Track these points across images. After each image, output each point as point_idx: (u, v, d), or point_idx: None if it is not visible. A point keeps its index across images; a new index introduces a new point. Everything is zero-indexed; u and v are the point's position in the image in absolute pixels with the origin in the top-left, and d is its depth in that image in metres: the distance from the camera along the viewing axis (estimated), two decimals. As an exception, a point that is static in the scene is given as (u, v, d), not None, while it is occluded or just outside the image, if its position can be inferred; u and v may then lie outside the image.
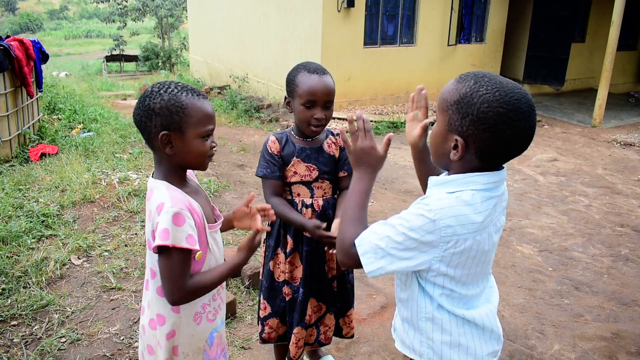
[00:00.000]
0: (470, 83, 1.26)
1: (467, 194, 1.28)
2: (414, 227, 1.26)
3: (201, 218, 1.55)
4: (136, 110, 1.51)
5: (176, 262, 1.44)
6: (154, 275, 1.57)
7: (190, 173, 1.67)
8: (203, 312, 1.62)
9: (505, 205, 1.42)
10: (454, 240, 1.27)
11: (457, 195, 1.28)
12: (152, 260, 1.56)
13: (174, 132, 1.48)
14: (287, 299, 2.29)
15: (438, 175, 1.43)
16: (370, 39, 10.12)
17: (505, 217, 1.45)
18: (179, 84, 1.52)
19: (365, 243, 1.31)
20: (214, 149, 1.58)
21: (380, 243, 1.29)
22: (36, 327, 2.87)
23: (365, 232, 1.33)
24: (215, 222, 1.66)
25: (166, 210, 1.42)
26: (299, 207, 2.20)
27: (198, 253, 1.50)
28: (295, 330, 2.28)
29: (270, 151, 2.19)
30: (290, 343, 2.30)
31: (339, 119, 9.43)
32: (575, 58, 12.25)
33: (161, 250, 1.43)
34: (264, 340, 2.39)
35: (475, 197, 1.28)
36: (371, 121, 9.27)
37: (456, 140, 1.28)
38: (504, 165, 1.35)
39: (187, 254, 1.46)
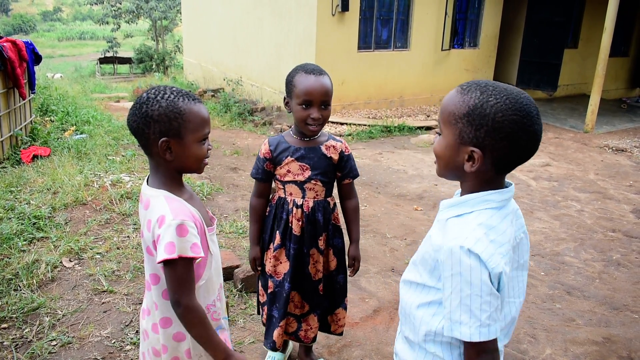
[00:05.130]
0: (476, 94, 1.24)
1: (484, 216, 1.26)
2: (480, 288, 1.20)
3: (201, 224, 1.56)
4: (132, 117, 1.51)
5: (184, 271, 1.47)
6: (157, 280, 1.57)
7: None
8: (208, 312, 1.63)
9: (522, 222, 1.39)
10: (500, 270, 1.22)
11: (478, 222, 1.25)
12: (153, 266, 1.55)
13: (173, 138, 1.50)
14: (269, 291, 2.40)
15: None
16: (364, 43, 10.15)
17: (527, 237, 1.41)
18: (174, 88, 1.53)
19: (470, 329, 1.22)
20: (209, 151, 1.60)
21: (483, 318, 1.21)
22: (27, 330, 2.84)
23: (462, 327, 1.24)
24: (211, 224, 1.68)
25: (168, 224, 1.43)
26: (290, 207, 2.29)
27: (198, 259, 1.52)
28: (280, 323, 2.38)
29: (259, 154, 2.31)
30: (276, 335, 2.38)
31: (332, 122, 9.44)
32: (568, 64, 12.33)
33: (167, 262, 1.44)
34: (264, 323, 2.51)
35: (494, 219, 1.26)
36: (365, 125, 9.29)
37: (471, 152, 1.26)
38: (511, 182, 1.35)
39: (191, 262, 1.48)
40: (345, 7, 9.28)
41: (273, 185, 2.39)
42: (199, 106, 1.53)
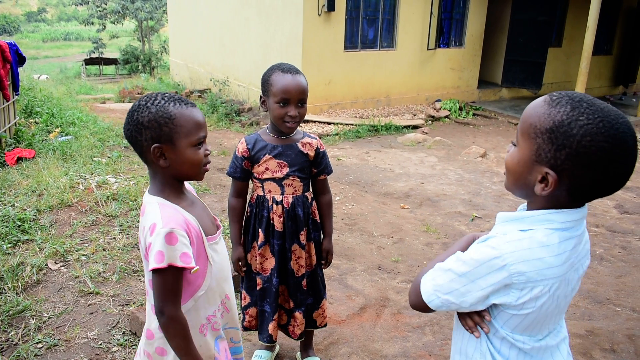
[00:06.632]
0: (566, 109, 1.08)
1: (541, 233, 1.14)
2: (479, 276, 1.16)
3: (198, 232, 1.53)
4: (126, 126, 1.50)
5: (172, 280, 1.44)
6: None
7: (186, 185, 1.66)
8: (208, 323, 1.62)
9: (588, 247, 1.26)
10: (528, 288, 1.14)
11: (530, 235, 1.14)
12: (148, 274, 1.53)
13: (165, 144, 1.47)
14: (257, 288, 2.44)
15: None
16: (350, 43, 10.18)
17: (589, 260, 1.30)
18: (166, 94, 1.51)
19: (429, 288, 1.26)
20: (208, 156, 1.57)
21: (443, 294, 1.23)
22: (12, 333, 2.83)
23: (429, 273, 1.28)
24: (215, 232, 1.65)
25: (158, 232, 1.41)
26: (270, 204, 2.33)
27: (194, 269, 1.48)
28: (274, 317, 2.43)
29: (236, 153, 2.35)
30: (271, 329, 2.43)
31: (319, 122, 9.46)
32: (552, 62, 12.47)
33: (156, 270, 1.41)
34: (245, 328, 2.55)
35: (551, 238, 1.13)
36: (352, 125, 9.32)
37: (546, 173, 1.11)
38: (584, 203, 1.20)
39: (181, 272, 1.45)
40: (331, 7, 9.31)
41: (251, 185, 2.43)
42: (191, 110, 1.50)
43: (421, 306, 1.29)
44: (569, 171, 1.08)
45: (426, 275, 1.28)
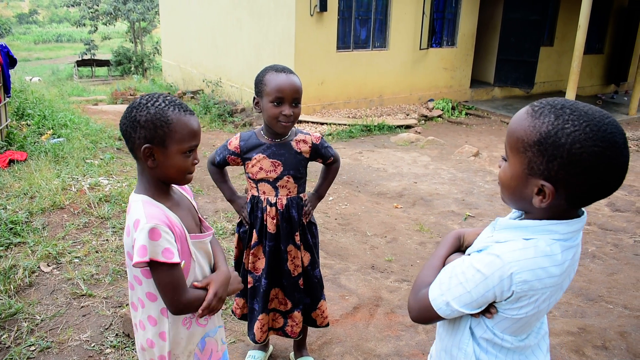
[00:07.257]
0: (550, 118, 1.08)
1: (544, 243, 1.14)
2: (488, 289, 1.16)
3: (181, 230, 1.55)
4: (122, 120, 1.52)
5: (170, 274, 1.48)
6: (141, 282, 1.57)
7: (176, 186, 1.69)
8: (192, 317, 1.63)
9: (578, 257, 1.27)
10: (528, 296, 1.15)
11: (534, 244, 1.14)
12: (134, 270, 1.56)
13: (156, 146, 1.50)
14: (249, 286, 2.45)
15: None
16: (343, 43, 10.20)
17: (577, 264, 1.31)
18: (168, 97, 1.53)
19: (439, 300, 1.24)
20: (195, 165, 1.59)
21: (452, 303, 1.22)
22: (4, 336, 2.81)
23: (434, 288, 1.26)
24: (201, 232, 1.67)
25: (142, 227, 1.44)
26: (263, 205, 2.34)
27: (181, 263, 1.51)
28: (260, 317, 2.44)
29: (227, 144, 2.37)
30: (255, 328, 2.44)
31: (313, 122, 9.47)
32: (544, 61, 12.53)
33: (149, 266, 1.45)
34: (233, 312, 2.64)
35: (554, 247, 1.14)
36: (345, 125, 9.33)
37: (542, 186, 1.11)
38: (584, 210, 1.20)
39: (175, 266, 1.48)
40: (323, 7, 9.31)
41: (246, 185, 2.43)
42: (188, 118, 1.52)
43: (429, 317, 1.28)
44: (565, 180, 1.08)
45: (433, 286, 1.27)
